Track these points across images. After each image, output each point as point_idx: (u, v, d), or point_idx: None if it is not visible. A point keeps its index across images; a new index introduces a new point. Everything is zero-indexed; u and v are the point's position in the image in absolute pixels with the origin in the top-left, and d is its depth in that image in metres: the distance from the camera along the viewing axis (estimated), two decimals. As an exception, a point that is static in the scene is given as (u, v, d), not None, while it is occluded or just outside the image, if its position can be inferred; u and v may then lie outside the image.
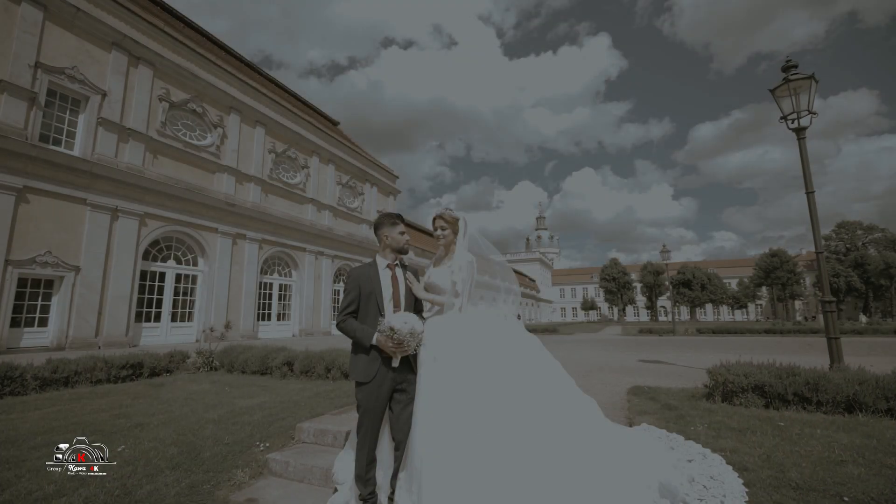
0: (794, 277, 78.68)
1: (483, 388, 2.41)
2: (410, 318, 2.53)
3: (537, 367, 2.58)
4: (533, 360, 2.61)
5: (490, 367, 2.48)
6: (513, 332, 2.72)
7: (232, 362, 7.15)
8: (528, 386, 2.47)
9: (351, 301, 2.66)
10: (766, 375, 4.14)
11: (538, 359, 2.65)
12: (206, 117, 17.06)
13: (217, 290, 16.74)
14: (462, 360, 2.49)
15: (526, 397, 2.42)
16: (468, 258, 2.87)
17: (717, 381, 4.40)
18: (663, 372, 7.38)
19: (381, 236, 2.81)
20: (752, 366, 4.44)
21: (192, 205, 15.99)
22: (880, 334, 19.64)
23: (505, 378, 2.45)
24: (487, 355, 2.52)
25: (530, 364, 2.57)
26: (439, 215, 2.98)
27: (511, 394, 2.41)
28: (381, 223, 2.82)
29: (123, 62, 14.12)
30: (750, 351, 11.25)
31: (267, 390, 5.65)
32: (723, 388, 4.35)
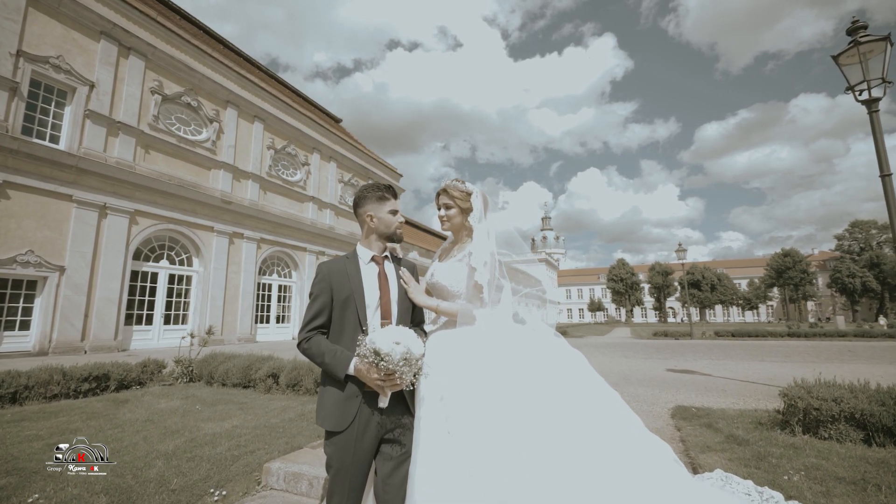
0: (808, 278, 76.88)
1: (514, 443, 1.57)
2: (405, 334, 1.69)
3: (594, 414, 1.72)
4: (587, 401, 1.75)
5: (526, 412, 1.63)
6: (558, 359, 1.87)
7: (212, 373, 6.35)
8: (580, 441, 1.62)
9: (318, 310, 1.84)
10: (863, 400, 3.25)
11: (595, 399, 1.79)
12: (202, 111, 16.35)
13: (213, 291, 16.02)
14: (484, 400, 1.65)
15: (578, 459, 1.57)
16: (489, 248, 2.02)
17: (796, 406, 3.51)
18: (701, 385, 6.48)
19: (364, 217, 1.98)
20: (840, 387, 3.54)
21: (187, 202, 15.28)
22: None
23: (548, 429, 1.61)
24: (522, 394, 1.67)
25: (584, 407, 1.71)
26: (443, 189, 2.15)
27: (557, 454, 1.56)
28: (363, 198, 1.98)
29: (113, 52, 13.44)
30: (787, 358, 10.31)
31: (244, 409, 4.84)
32: (803, 414, 3.46)
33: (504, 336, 1.86)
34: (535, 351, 1.83)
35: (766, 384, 6.45)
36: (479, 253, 1.99)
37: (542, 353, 1.83)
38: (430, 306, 2.00)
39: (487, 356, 1.76)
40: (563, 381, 1.79)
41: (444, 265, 2.13)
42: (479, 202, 2.11)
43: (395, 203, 2.02)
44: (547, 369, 1.78)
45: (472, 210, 2.11)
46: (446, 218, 2.13)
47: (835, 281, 73.20)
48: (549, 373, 1.77)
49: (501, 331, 1.89)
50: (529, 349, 1.83)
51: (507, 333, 1.88)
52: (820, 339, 18.91)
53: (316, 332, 1.84)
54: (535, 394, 1.69)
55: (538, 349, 1.86)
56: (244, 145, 18.13)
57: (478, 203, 2.10)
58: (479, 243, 2.02)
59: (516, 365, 1.73)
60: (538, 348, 1.86)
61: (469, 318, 1.94)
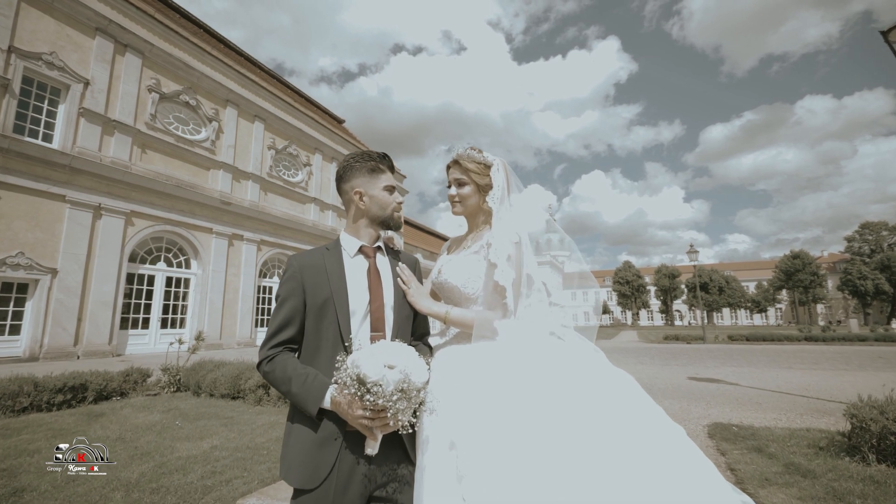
0: (818, 280, 75.61)
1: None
2: (403, 354, 1.21)
3: (662, 471, 1.19)
4: (653, 453, 1.23)
5: (570, 471, 1.12)
6: (608, 388, 1.34)
7: (199, 383, 5.87)
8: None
9: (286, 319, 1.36)
10: (953, 424, 2.71)
11: (662, 448, 1.26)
12: (201, 110, 16.00)
13: (212, 294, 15.61)
14: (511, 452, 1.15)
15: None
16: (514, 235, 1.53)
17: (867, 429, 2.97)
18: (732, 397, 5.92)
19: (351, 195, 1.49)
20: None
21: (185, 203, 14.90)
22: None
23: (604, 495, 1.10)
24: (565, 443, 1.16)
25: (650, 463, 1.19)
26: (455, 160, 1.66)
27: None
28: (349, 169, 1.48)
29: (109, 49, 13.10)
30: (815, 365, 9.70)
31: (228, 425, 4.35)
32: (878, 439, 2.92)
33: (536, 356, 1.35)
34: (578, 378, 1.32)
35: (803, 395, 5.89)
36: (500, 244, 1.49)
37: (587, 381, 1.32)
38: (437, 314, 1.51)
39: (515, 386, 1.25)
40: (618, 421, 1.27)
41: (456, 259, 1.64)
42: (500, 177, 1.62)
43: (390, 177, 1.53)
44: (597, 404, 1.26)
45: (491, 187, 1.62)
46: (458, 198, 1.64)
47: (846, 283, 71.94)
48: (599, 410, 1.25)
49: (533, 349, 1.38)
50: (571, 375, 1.31)
51: (541, 353, 1.37)
52: (840, 343, 18.20)
53: (282, 350, 1.35)
54: (583, 442, 1.18)
55: (582, 375, 1.34)
56: (244, 145, 17.76)
57: (499, 178, 1.61)
58: (501, 231, 1.52)
59: (555, 398, 1.23)
60: (582, 374, 1.35)
61: (488, 331, 1.44)
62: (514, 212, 1.60)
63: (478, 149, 1.63)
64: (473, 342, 1.45)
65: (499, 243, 1.49)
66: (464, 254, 1.64)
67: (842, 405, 5.26)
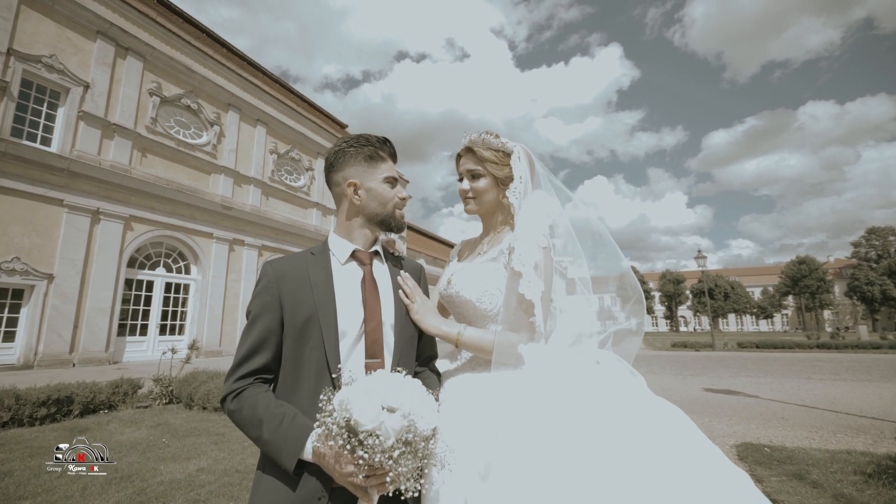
0: (825, 286, 74.85)
1: None
2: (408, 391, 0.92)
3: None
4: None
5: None
6: (665, 429, 1.05)
7: (191, 395, 5.59)
8: None
9: (257, 342, 1.08)
10: None
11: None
12: (202, 114, 15.86)
13: (212, 300, 15.37)
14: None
15: None
16: (542, 238, 1.25)
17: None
18: (756, 411, 5.58)
19: (343, 187, 1.21)
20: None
21: (185, 207, 14.71)
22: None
23: None
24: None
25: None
26: (467, 147, 1.38)
27: None
28: (341, 155, 1.20)
29: (110, 52, 12.98)
30: (836, 375, 9.33)
31: (219, 443, 4.06)
32: (938, 468, 2.60)
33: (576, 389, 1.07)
34: (626, 415, 1.03)
35: (831, 410, 5.55)
36: (526, 249, 1.21)
37: (643, 431, 1.02)
38: (448, 336, 1.22)
39: (552, 436, 0.96)
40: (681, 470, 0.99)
41: (469, 267, 1.36)
42: (523, 167, 1.34)
43: (392, 166, 1.25)
44: (662, 464, 0.97)
45: (511, 179, 1.34)
46: (472, 193, 1.36)
47: (853, 289, 71.18)
48: (666, 471, 0.97)
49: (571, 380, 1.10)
50: (619, 414, 1.02)
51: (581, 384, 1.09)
52: (853, 351, 17.73)
53: (252, 382, 1.07)
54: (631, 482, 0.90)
55: (631, 411, 1.05)
56: (246, 149, 17.60)
57: (521, 168, 1.33)
58: (527, 233, 1.24)
59: (603, 453, 0.94)
60: (630, 410, 1.05)
61: (511, 358, 1.16)
62: (541, 209, 1.32)
63: (494, 133, 1.35)
64: (493, 370, 1.16)
65: (524, 248, 1.20)
66: (479, 261, 1.35)
67: (876, 422, 4.94)
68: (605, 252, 1.35)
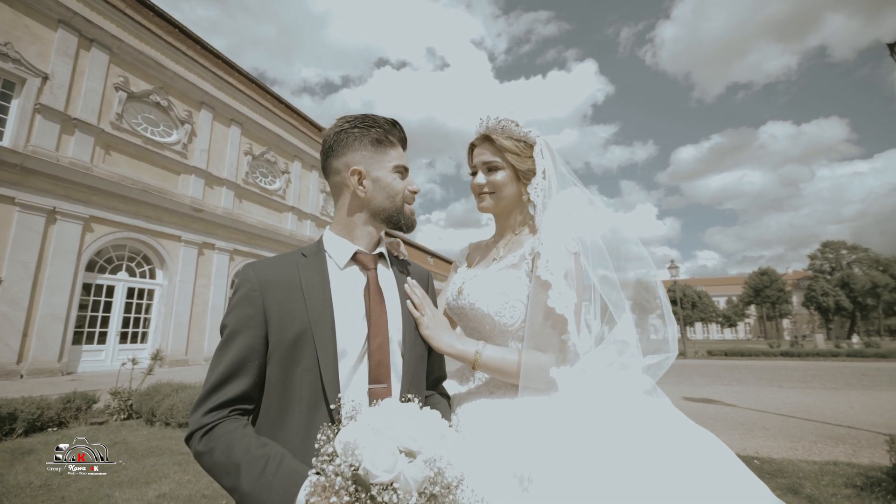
0: (784, 296, 78.58)
1: None
2: (425, 427, 0.74)
3: None
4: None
5: None
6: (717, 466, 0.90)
7: (154, 409, 5.18)
8: None
9: (236, 365, 0.87)
10: None
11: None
12: (173, 112, 15.18)
13: (178, 306, 14.60)
14: None
15: None
16: (571, 242, 1.10)
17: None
18: (736, 421, 5.62)
19: (344, 174, 1.02)
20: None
21: (151, 209, 13.97)
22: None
23: None
24: None
25: None
26: (485, 135, 1.21)
27: None
28: (343, 137, 1.01)
29: (72, 43, 12.26)
30: (804, 384, 9.62)
31: (183, 464, 3.72)
32: (931, 482, 2.59)
33: (625, 427, 0.91)
34: (688, 468, 0.87)
35: (807, 419, 5.65)
36: (554, 254, 1.04)
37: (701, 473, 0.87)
38: (465, 355, 1.04)
39: (598, 479, 0.80)
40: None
41: (484, 275, 1.18)
42: (548, 161, 1.19)
43: (402, 154, 1.07)
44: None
45: (534, 174, 1.19)
46: (490, 187, 1.19)
47: (810, 300, 75.03)
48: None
49: (617, 415, 0.94)
50: (680, 465, 0.86)
51: (631, 421, 0.93)
52: (814, 359, 18.52)
53: (227, 414, 0.86)
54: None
55: (692, 463, 0.89)
56: (219, 150, 16.95)
57: (546, 162, 1.18)
58: (555, 236, 1.08)
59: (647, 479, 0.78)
60: (692, 461, 0.90)
61: (542, 382, 0.99)
62: (563, 210, 1.17)
63: (514, 120, 1.20)
64: (520, 396, 1.00)
65: (552, 253, 1.04)
66: (496, 267, 1.18)
67: (852, 430, 5.04)
68: (636, 258, 1.21)
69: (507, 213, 1.24)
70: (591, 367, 1.07)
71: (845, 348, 23.43)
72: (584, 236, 1.13)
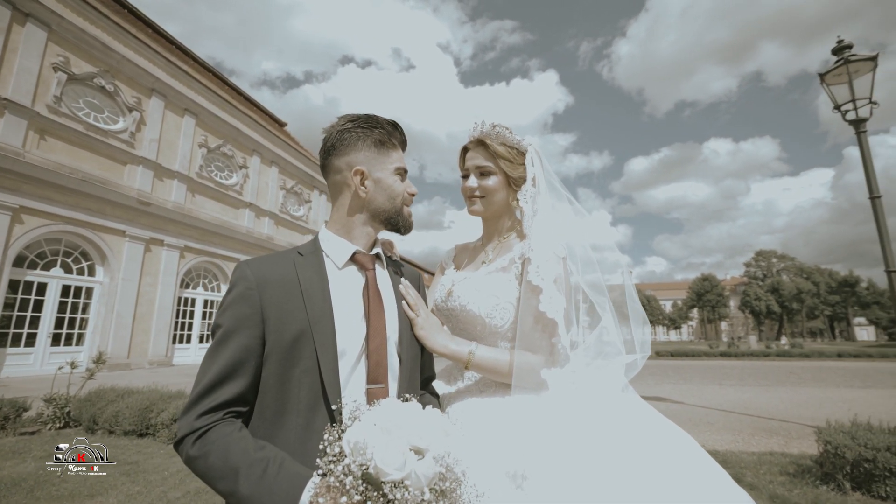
0: (723, 300, 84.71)
1: None
2: (430, 425, 0.76)
3: None
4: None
5: None
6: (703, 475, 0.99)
7: (95, 417, 4.81)
8: None
9: (231, 366, 0.85)
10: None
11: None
12: (120, 98, 14.15)
13: (120, 306, 13.60)
14: None
15: None
16: (560, 248, 1.15)
17: (842, 456, 2.95)
18: (684, 416, 6.01)
19: (346, 173, 1.02)
20: (887, 432, 3.05)
21: (93, 200, 12.95)
22: (824, 357, 20.16)
23: None
24: None
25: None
26: (478, 139, 1.25)
27: None
28: (346, 135, 1.01)
29: (4, 16, 11.16)
30: (741, 382, 10.41)
31: (131, 474, 3.48)
32: (851, 466, 2.90)
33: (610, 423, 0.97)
34: (662, 455, 0.95)
35: (746, 414, 6.14)
36: (544, 260, 1.10)
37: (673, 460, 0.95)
38: (458, 355, 1.07)
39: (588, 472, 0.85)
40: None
41: (474, 277, 1.22)
42: (538, 169, 1.25)
43: (402, 157, 1.08)
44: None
45: (524, 181, 1.24)
46: (481, 192, 1.23)
47: (745, 304, 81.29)
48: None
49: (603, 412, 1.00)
50: (656, 454, 0.93)
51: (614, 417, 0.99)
52: (748, 358, 20.06)
53: (222, 417, 0.84)
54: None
55: (663, 451, 0.97)
56: (170, 140, 15.99)
57: (536, 170, 1.24)
58: (545, 242, 1.13)
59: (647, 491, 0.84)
60: (663, 449, 0.97)
61: (534, 382, 1.04)
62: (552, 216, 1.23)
63: (507, 127, 1.25)
64: (513, 394, 1.04)
65: (542, 259, 1.10)
66: (486, 270, 1.22)
67: (783, 423, 5.52)
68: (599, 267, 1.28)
69: (497, 217, 1.29)
70: (576, 366, 1.13)
71: (775, 349, 25.55)
72: (571, 242, 1.19)
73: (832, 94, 4.97)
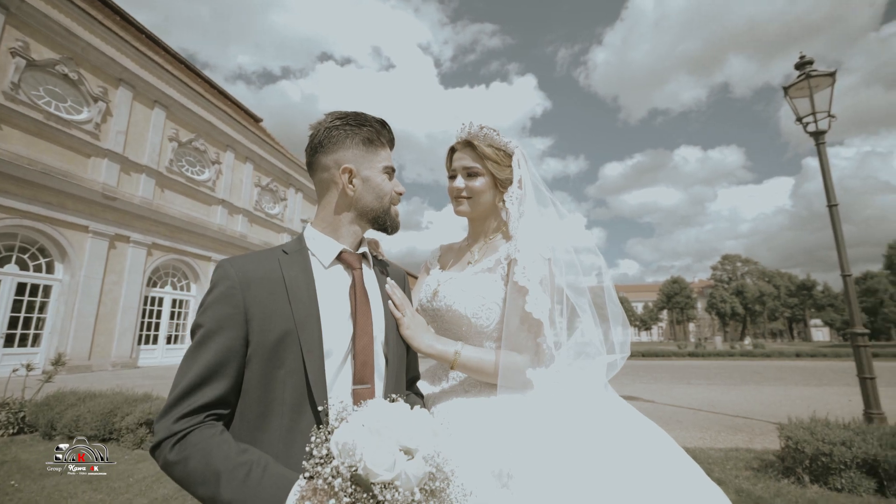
0: (691, 302, 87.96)
1: None
2: (419, 425, 0.75)
3: None
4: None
5: None
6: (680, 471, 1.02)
7: (54, 421, 4.56)
8: None
9: (213, 367, 0.82)
10: (873, 444, 2.92)
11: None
12: (84, 87, 13.49)
13: (81, 305, 12.94)
14: None
15: None
16: (545, 249, 1.17)
17: (801, 451, 3.11)
18: (654, 415, 6.14)
19: (333, 171, 1.00)
20: (840, 426, 3.23)
21: (53, 194, 12.29)
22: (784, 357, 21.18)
23: None
24: None
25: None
26: (466, 140, 1.26)
27: None
28: (334, 133, 0.99)
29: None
30: (709, 381, 10.81)
31: (94, 482, 3.32)
32: (810, 460, 3.06)
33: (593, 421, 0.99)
34: (644, 453, 0.98)
35: (713, 412, 6.38)
36: (531, 261, 1.11)
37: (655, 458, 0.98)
38: (444, 355, 1.08)
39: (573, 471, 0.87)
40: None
41: (460, 277, 1.23)
42: (524, 171, 1.26)
43: (390, 156, 1.08)
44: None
45: (510, 182, 1.25)
46: (468, 192, 1.24)
47: (711, 306, 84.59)
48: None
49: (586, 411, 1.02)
50: (638, 451, 0.96)
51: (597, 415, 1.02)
52: (714, 358, 20.89)
53: (203, 420, 0.82)
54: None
55: (645, 447, 1.00)
56: (139, 133, 15.35)
57: (523, 172, 1.26)
58: (531, 243, 1.15)
59: (630, 488, 0.87)
60: (645, 446, 1.00)
61: (519, 382, 1.05)
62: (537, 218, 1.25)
63: (495, 128, 1.26)
64: (499, 394, 1.05)
65: (529, 260, 1.11)
66: (472, 270, 1.23)
67: (748, 421, 5.77)
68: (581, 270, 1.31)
69: (483, 218, 1.30)
70: (560, 366, 1.15)
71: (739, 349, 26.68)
72: (555, 244, 1.21)
73: (795, 107, 5.24)
